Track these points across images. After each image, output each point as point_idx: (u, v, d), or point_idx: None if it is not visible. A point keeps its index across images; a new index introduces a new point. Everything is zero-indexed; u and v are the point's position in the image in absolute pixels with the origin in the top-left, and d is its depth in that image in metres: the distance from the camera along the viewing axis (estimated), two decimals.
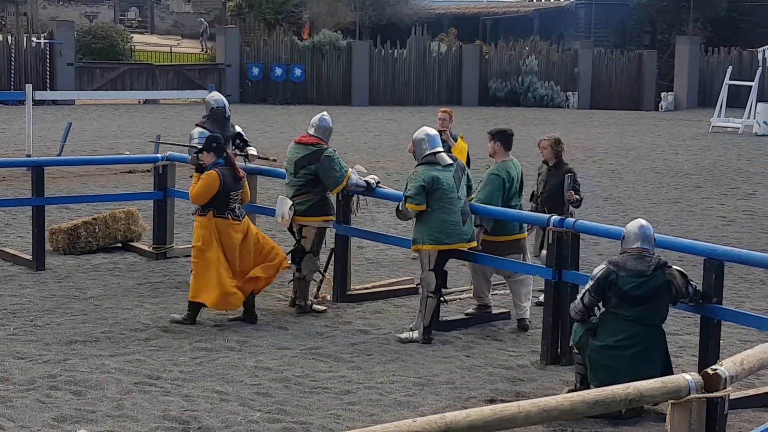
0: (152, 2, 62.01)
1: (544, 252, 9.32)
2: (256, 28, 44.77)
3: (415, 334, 8.86)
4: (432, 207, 8.75)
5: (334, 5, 50.13)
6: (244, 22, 46.55)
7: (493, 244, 9.31)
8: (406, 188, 8.95)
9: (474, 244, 9.04)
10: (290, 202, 9.61)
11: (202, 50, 48.74)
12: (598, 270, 7.23)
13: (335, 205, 9.94)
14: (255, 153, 11.30)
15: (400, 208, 9.03)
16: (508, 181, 9.32)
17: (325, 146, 9.62)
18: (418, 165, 8.99)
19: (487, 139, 9.66)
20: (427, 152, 8.97)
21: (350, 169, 9.72)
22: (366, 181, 9.82)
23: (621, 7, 57.34)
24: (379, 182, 9.98)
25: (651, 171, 21.47)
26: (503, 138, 9.55)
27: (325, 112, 9.98)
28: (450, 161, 8.98)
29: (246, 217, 9.36)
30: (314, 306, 9.75)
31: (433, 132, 9.18)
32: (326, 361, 8.22)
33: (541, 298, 10.33)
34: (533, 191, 10.23)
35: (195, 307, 9.13)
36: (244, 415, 6.94)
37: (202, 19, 54.85)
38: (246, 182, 9.38)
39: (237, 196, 9.16)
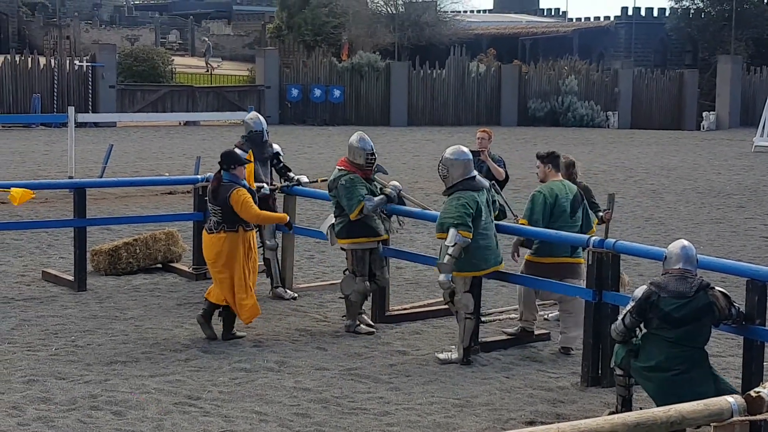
0: (193, 25, 62.63)
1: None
2: (296, 49, 45.09)
3: (454, 355, 8.81)
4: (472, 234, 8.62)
5: (373, 26, 50.40)
6: (284, 43, 46.92)
7: (540, 266, 9.20)
8: (447, 216, 8.58)
9: (503, 265, 8.97)
10: (332, 221, 9.74)
11: (207, 70, 49.03)
12: (640, 291, 7.16)
13: None
14: (306, 180, 11.31)
15: (455, 241, 8.44)
16: (550, 197, 9.18)
17: (345, 173, 9.59)
18: (458, 190, 8.73)
19: (537, 162, 9.56)
20: (467, 176, 8.78)
21: (364, 201, 9.47)
22: (385, 194, 9.65)
23: (661, 26, 57.15)
24: (401, 190, 9.83)
25: (693, 191, 21.29)
26: (553, 160, 9.46)
27: (357, 132, 9.95)
28: (487, 184, 8.93)
29: (229, 237, 9.20)
30: (356, 328, 9.72)
31: (470, 154, 9.01)
32: (365, 382, 8.20)
33: (550, 315, 10.27)
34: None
35: (225, 318, 9.35)
36: None
37: (206, 39, 55.36)
38: (235, 206, 9.14)
39: (213, 210, 9.30)
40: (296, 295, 11.04)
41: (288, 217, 10.04)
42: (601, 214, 9.67)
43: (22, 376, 8.02)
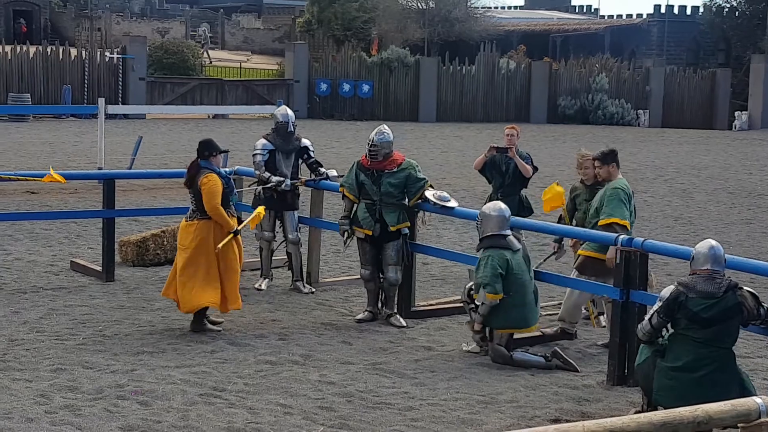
0: (223, 18, 62.79)
1: None
2: (325, 44, 45.10)
3: (473, 344, 8.90)
4: (506, 293, 8.51)
5: (403, 22, 50.36)
6: (313, 38, 46.93)
7: (601, 263, 9.06)
8: (479, 277, 8.57)
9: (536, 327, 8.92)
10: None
11: (203, 61, 49.09)
12: (667, 291, 7.11)
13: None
14: (335, 174, 11.39)
15: (482, 301, 8.50)
16: (628, 192, 9.07)
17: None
18: (487, 248, 8.66)
19: (596, 164, 9.32)
20: (498, 232, 8.67)
21: (344, 185, 10.17)
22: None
23: (694, 24, 56.76)
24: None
25: (723, 191, 21.14)
26: (615, 158, 9.29)
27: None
28: (519, 246, 8.76)
29: (201, 225, 9.13)
30: (392, 319, 9.81)
31: (509, 213, 8.93)
32: (390, 376, 8.20)
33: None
34: (561, 213, 10.04)
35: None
36: (307, 429, 6.94)
37: (205, 29, 55.40)
38: (202, 188, 9.14)
39: (190, 198, 9.36)
40: (314, 289, 11.05)
41: (234, 229, 9.19)
42: None
43: (50, 365, 8.09)
